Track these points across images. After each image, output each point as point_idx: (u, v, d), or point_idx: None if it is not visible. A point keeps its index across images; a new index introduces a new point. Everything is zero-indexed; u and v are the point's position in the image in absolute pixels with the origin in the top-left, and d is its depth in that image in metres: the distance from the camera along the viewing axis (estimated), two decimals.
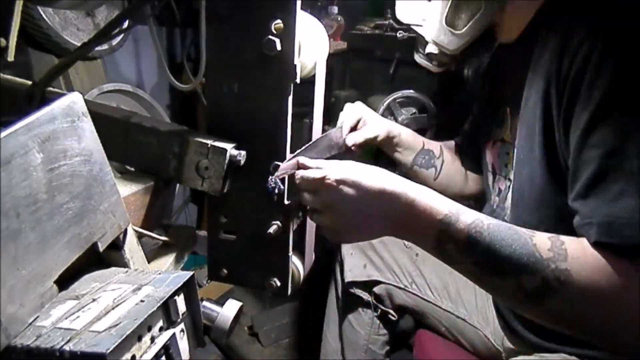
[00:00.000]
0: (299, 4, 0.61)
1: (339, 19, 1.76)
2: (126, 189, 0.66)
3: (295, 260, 0.75)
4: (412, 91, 1.58)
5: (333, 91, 1.77)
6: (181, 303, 0.49)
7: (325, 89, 0.79)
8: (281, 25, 0.61)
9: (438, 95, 1.60)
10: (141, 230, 0.65)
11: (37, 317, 0.43)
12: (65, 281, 0.48)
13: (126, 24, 0.99)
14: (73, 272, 0.50)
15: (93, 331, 0.41)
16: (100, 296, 0.47)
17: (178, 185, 0.79)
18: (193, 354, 0.51)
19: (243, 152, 0.66)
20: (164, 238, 0.73)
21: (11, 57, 0.74)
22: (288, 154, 0.67)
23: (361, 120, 0.95)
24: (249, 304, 1.82)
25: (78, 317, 0.43)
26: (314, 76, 0.75)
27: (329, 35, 1.00)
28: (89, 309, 0.44)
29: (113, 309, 0.44)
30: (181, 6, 1.55)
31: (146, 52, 1.75)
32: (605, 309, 0.56)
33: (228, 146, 0.64)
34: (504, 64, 0.91)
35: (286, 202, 0.68)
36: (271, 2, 0.61)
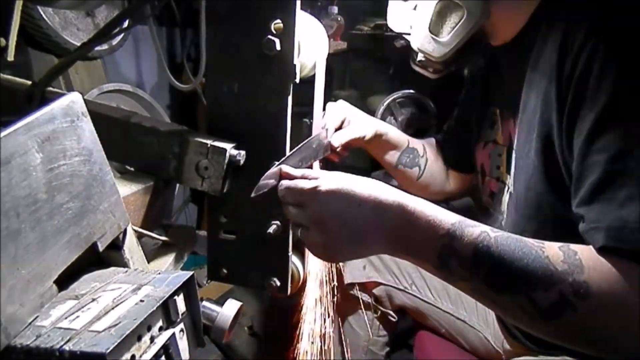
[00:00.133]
0: (298, 4, 0.61)
1: (339, 19, 1.76)
2: (126, 189, 0.66)
3: (295, 260, 0.75)
4: (412, 91, 1.58)
5: (333, 91, 1.77)
6: (181, 303, 0.49)
7: (325, 89, 0.79)
8: (281, 25, 0.61)
9: (438, 95, 1.60)
10: (141, 230, 0.65)
11: (37, 317, 0.43)
12: (65, 281, 0.48)
13: (126, 24, 0.99)
14: (73, 272, 0.49)
15: (93, 331, 0.41)
16: (100, 296, 0.47)
17: (178, 185, 0.79)
18: (193, 353, 0.51)
19: (243, 152, 0.66)
20: (163, 238, 0.73)
21: (11, 57, 0.74)
22: (287, 154, 0.67)
23: (345, 119, 0.91)
24: (249, 304, 1.82)
25: (78, 317, 0.43)
26: (313, 76, 0.75)
27: (329, 35, 1.00)
28: (89, 308, 0.44)
29: (113, 308, 0.44)
30: (181, 6, 1.55)
31: (146, 52, 1.75)
32: (625, 318, 0.53)
33: (228, 146, 0.64)
34: (494, 65, 0.90)
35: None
36: (271, 2, 0.61)
